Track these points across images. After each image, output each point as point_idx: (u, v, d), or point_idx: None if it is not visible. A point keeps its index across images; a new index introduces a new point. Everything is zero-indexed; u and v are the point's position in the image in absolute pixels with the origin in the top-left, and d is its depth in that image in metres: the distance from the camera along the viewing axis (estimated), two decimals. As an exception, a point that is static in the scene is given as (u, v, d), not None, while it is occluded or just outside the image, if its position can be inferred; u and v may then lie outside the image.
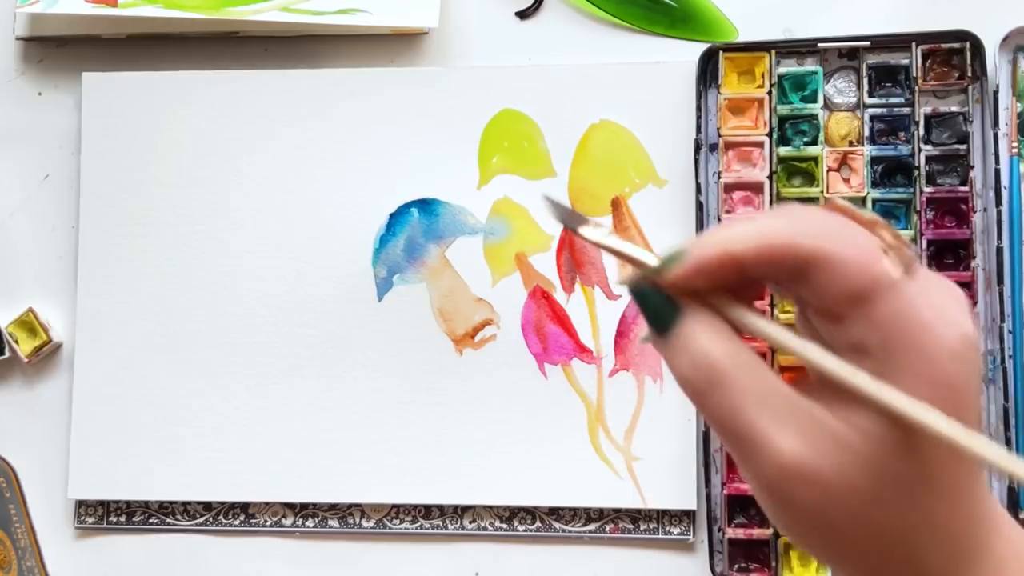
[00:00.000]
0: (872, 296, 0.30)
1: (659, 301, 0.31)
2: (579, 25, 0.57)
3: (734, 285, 0.32)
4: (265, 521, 0.56)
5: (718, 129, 0.54)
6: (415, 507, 0.55)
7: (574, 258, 0.55)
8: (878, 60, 0.54)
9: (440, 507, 0.55)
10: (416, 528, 0.55)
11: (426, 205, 0.56)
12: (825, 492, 0.31)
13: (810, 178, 0.54)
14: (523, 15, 0.57)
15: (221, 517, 0.56)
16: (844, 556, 0.32)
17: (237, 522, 0.56)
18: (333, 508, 0.55)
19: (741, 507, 0.52)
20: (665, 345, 0.32)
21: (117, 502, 0.56)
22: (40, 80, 0.59)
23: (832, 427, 0.31)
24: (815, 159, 0.53)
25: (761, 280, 0.32)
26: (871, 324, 0.30)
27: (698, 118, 0.54)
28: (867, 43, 0.54)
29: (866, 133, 0.54)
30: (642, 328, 0.33)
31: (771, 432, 0.30)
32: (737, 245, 0.30)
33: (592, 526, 0.54)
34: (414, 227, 0.56)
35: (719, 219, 0.53)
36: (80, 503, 0.57)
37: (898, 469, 0.31)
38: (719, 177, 0.54)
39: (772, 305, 0.53)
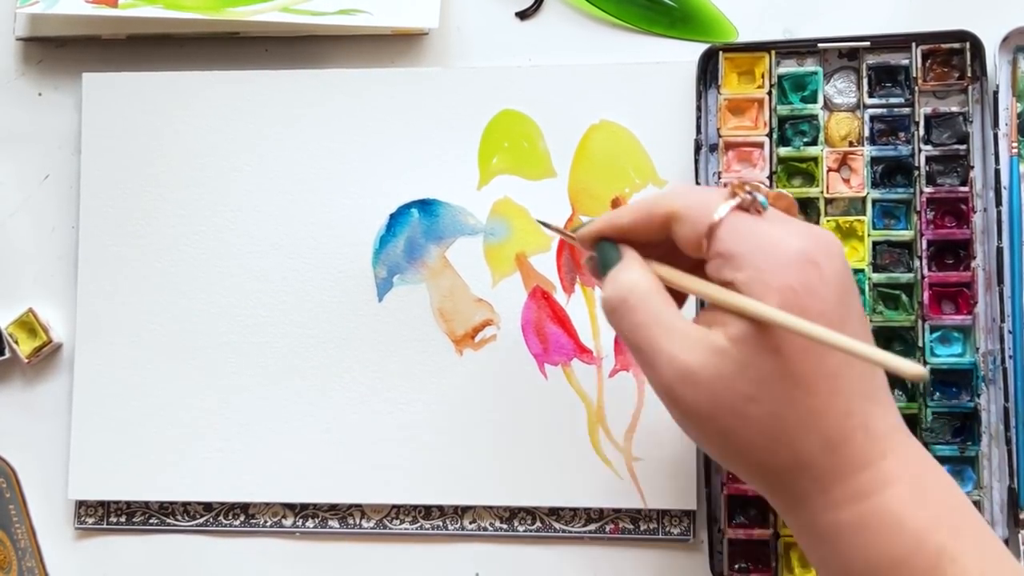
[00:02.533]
0: (712, 234, 0.40)
1: (610, 250, 0.43)
2: (579, 25, 0.57)
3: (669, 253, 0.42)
4: (265, 522, 0.56)
5: (718, 129, 0.54)
6: (415, 507, 0.55)
7: (574, 258, 0.55)
8: (878, 60, 0.54)
9: (440, 507, 0.55)
10: (416, 528, 0.55)
11: (426, 205, 0.56)
12: (709, 393, 0.39)
13: (810, 178, 0.54)
14: (523, 15, 0.57)
15: (221, 517, 0.56)
16: (733, 448, 0.40)
17: (237, 523, 0.56)
18: (333, 508, 0.55)
19: (741, 507, 0.52)
20: (603, 279, 0.42)
21: (117, 502, 0.56)
22: (40, 80, 0.59)
23: (712, 339, 0.39)
24: (815, 159, 0.53)
25: (651, 239, 0.42)
26: (719, 256, 0.39)
27: (698, 118, 0.54)
28: (867, 43, 0.54)
29: (866, 133, 0.54)
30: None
31: (664, 344, 0.39)
32: (621, 218, 0.43)
33: (592, 526, 0.54)
34: (414, 227, 0.56)
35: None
36: (80, 503, 0.57)
37: (763, 366, 0.38)
38: (719, 177, 0.54)
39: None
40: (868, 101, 0.53)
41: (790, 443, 0.39)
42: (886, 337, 0.52)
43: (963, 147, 0.52)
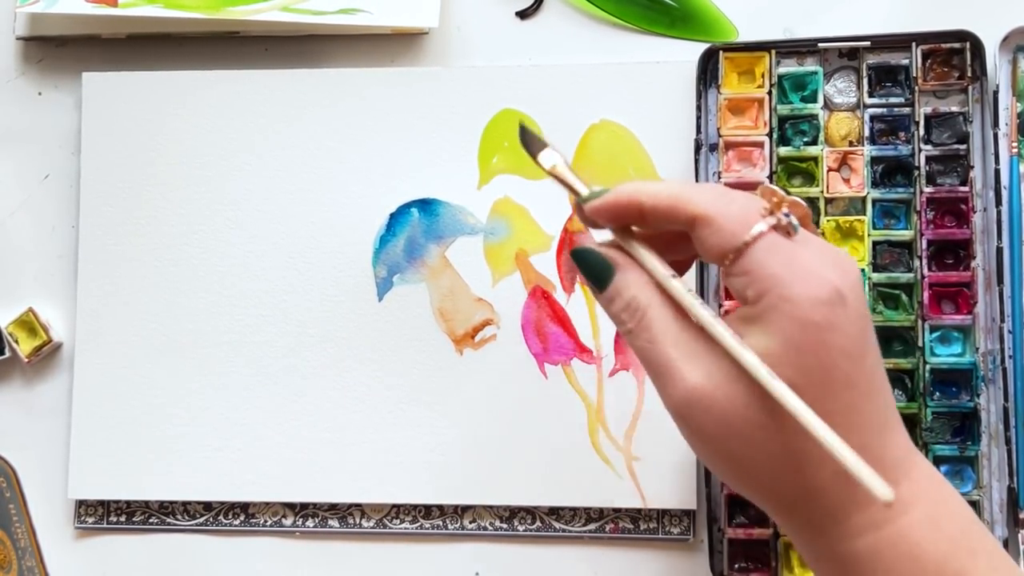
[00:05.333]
0: (742, 251, 0.37)
1: (598, 261, 0.40)
2: (579, 25, 0.57)
3: (665, 241, 0.41)
4: (265, 521, 0.56)
5: (718, 129, 0.54)
6: (415, 507, 0.55)
7: (574, 258, 0.55)
8: (878, 60, 0.54)
9: (440, 507, 0.55)
10: (416, 528, 0.55)
11: (426, 205, 0.56)
12: (720, 416, 0.37)
13: (810, 178, 0.54)
14: (523, 15, 0.57)
15: (221, 517, 0.56)
16: (743, 474, 0.39)
17: (237, 522, 0.56)
18: (333, 508, 0.55)
19: (741, 507, 0.52)
20: (602, 295, 0.40)
21: (117, 502, 0.56)
22: (40, 80, 0.59)
23: (728, 364, 0.37)
24: (815, 159, 0.53)
25: (663, 227, 0.40)
26: (744, 274, 0.37)
27: (698, 118, 0.54)
28: (867, 43, 0.54)
29: (866, 133, 0.54)
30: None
31: (679, 363, 0.38)
32: (646, 196, 0.39)
33: (592, 526, 0.54)
34: (414, 227, 0.56)
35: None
36: (80, 503, 0.57)
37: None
38: (719, 177, 0.54)
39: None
40: (868, 101, 0.53)
41: (801, 473, 0.38)
42: (886, 337, 0.52)
43: (963, 147, 0.52)
